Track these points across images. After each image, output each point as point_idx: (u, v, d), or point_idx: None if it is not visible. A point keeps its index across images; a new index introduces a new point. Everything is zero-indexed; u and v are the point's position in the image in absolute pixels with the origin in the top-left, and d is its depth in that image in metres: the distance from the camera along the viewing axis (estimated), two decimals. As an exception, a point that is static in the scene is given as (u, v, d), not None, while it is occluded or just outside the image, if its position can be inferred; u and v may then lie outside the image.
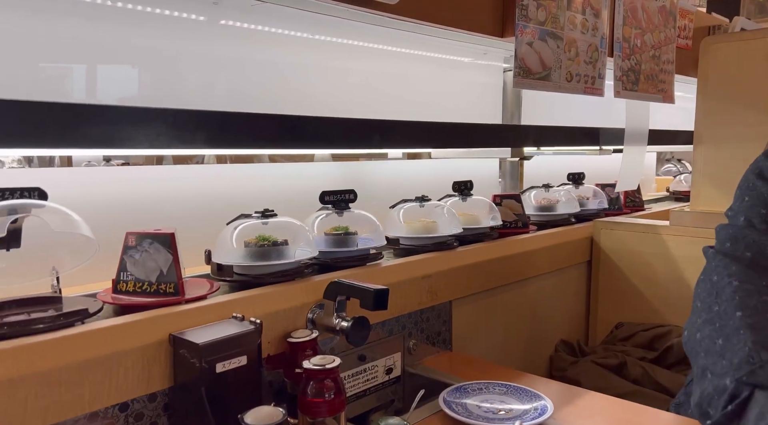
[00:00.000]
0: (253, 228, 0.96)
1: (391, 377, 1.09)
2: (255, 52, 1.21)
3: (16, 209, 0.74)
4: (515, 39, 1.28)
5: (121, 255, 0.86)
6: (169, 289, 0.84)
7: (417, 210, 1.24)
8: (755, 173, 0.88)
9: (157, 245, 0.85)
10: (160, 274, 0.84)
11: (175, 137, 0.91)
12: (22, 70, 0.92)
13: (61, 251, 0.81)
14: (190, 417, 0.77)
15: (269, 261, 0.94)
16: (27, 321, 0.71)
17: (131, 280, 0.85)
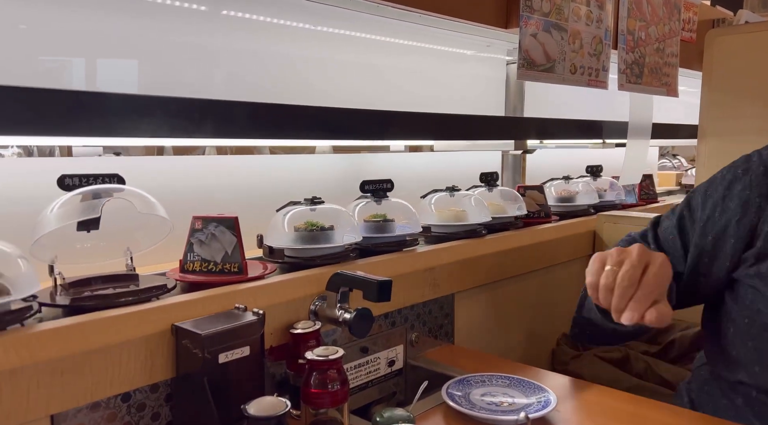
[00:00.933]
0: (301, 214, 1.03)
1: (394, 369, 1.09)
2: (256, 43, 1.20)
3: (100, 194, 0.81)
4: (519, 30, 1.27)
5: (188, 238, 0.92)
6: (234, 268, 0.91)
7: (447, 199, 1.31)
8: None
9: (222, 228, 0.92)
10: (225, 255, 0.91)
11: (177, 126, 0.90)
12: (21, 62, 0.91)
13: (137, 232, 0.89)
14: (193, 408, 0.76)
15: (318, 244, 1.01)
16: (114, 295, 0.79)
17: (197, 260, 0.92)
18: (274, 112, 1.03)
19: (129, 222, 0.85)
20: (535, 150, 1.75)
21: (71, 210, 0.78)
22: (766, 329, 0.90)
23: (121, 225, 0.85)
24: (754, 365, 0.90)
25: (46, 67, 0.95)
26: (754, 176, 0.96)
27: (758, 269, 0.92)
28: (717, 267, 0.96)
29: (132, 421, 0.75)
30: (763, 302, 0.91)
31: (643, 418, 0.89)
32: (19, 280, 0.70)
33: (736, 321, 0.94)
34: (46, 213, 0.78)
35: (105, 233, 0.82)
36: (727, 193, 0.97)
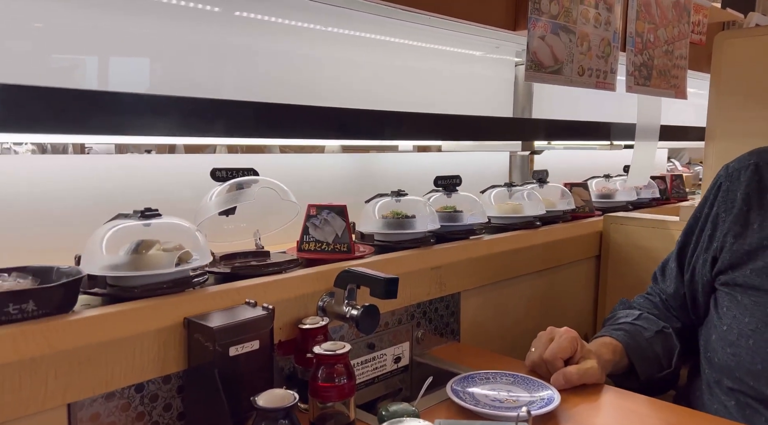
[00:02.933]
0: (388, 205, 1.18)
1: (400, 366, 1.11)
2: (268, 43, 1.22)
3: (242, 185, 0.97)
4: (527, 32, 1.28)
5: (304, 222, 1.07)
6: (343, 248, 1.05)
7: (505, 194, 1.45)
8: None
9: (333, 215, 1.06)
10: (335, 236, 1.05)
11: (190, 125, 0.92)
12: (34, 60, 0.94)
13: (268, 215, 1.04)
14: (204, 399, 0.78)
15: (404, 230, 1.16)
16: (263, 265, 0.95)
17: (312, 241, 1.06)
18: (284, 112, 1.05)
19: (261, 206, 0.99)
20: (543, 151, 1.76)
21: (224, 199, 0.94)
22: (742, 335, 0.93)
23: (253, 210, 0.98)
24: (734, 371, 0.93)
25: (59, 65, 0.97)
26: (721, 192, 1.04)
27: (733, 279, 0.96)
28: (703, 280, 1.04)
29: (145, 411, 0.78)
30: (739, 309, 0.95)
31: (646, 416, 0.90)
32: (197, 251, 0.85)
33: (717, 328, 0.98)
34: (206, 201, 0.95)
35: (239, 217, 0.96)
36: (707, 211, 1.06)
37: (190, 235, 0.86)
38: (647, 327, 1.07)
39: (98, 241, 0.80)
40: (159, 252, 0.80)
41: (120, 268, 0.79)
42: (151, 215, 0.83)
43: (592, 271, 1.64)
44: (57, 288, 0.72)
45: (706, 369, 1.01)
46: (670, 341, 1.08)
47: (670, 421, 0.89)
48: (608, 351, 1.02)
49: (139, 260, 0.79)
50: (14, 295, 0.68)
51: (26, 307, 0.69)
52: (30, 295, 0.69)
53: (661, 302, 1.14)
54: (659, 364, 1.06)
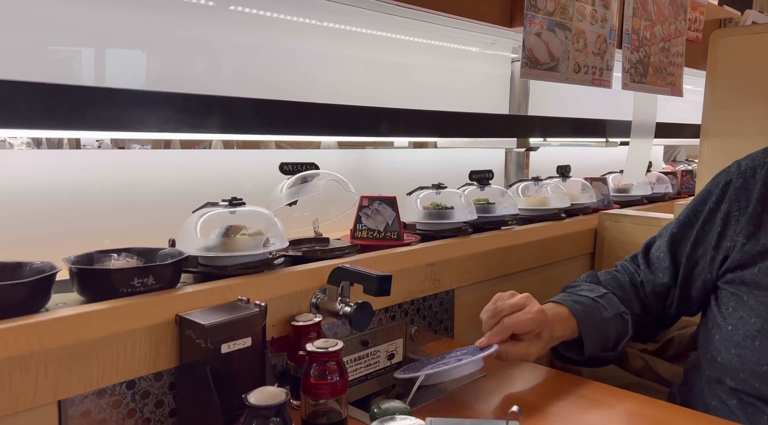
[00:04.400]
0: (428, 197, 1.28)
1: (393, 362, 1.11)
2: (263, 38, 1.21)
3: (306, 178, 1.06)
4: (523, 29, 1.28)
5: (356, 212, 1.15)
6: (393, 236, 1.14)
7: (531, 187, 1.55)
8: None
9: (384, 205, 1.14)
10: (386, 225, 1.14)
11: (184, 121, 0.92)
12: (30, 53, 0.93)
13: (327, 205, 1.14)
14: (196, 396, 0.78)
15: (443, 220, 1.24)
16: (328, 250, 1.05)
17: (365, 229, 1.15)
18: (280, 108, 1.04)
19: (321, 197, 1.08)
20: (539, 148, 1.76)
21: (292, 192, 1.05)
22: (748, 336, 0.92)
23: (314, 200, 1.08)
24: (739, 372, 0.92)
25: (55, 57, 0.97)
26: (733, 189, 1.01)
27: (741, 278, 0.95)
28: (705, 277, 1.03)
29: (136, 408, 0.77)
30: (745, 309, 0.94)
31: (639, 415, 0.90)
32: (277, 236, 0.94)
33: (721, 328, 0.97)
34: (277, 192, 1.06)
35: (301, 207, 1.07)
36: (712, 207, 1.04)
37: (271, 221, 0.95)
38: (608, 308, 1.07)
39: (192, 226, 0.90)
40: (246, 236, 0.91)
41: (212, 250, 0.90)
42: (237, 203, 0.93)
43: (586, 268, 1.64)
44: (169, 266, 0.83)
45: (707, 368, 1.00)
46: (625, 326, 1.08)
47: (663, 420, 0.89)
48: (561, 328, 1.01)
49: (229, 242, 0.90)
50: (139, 270, 0.80)
51: (147, 281, 0.80)
52: (150, 271, 0.81)
53: (629, 283, 1.13)
54: (606, 345, 1.06)
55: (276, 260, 0.96)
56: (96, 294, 0.78)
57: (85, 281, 0.79)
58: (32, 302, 0.72)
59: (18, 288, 0.71)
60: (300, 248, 1.06)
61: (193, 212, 0.94)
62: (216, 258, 0.89)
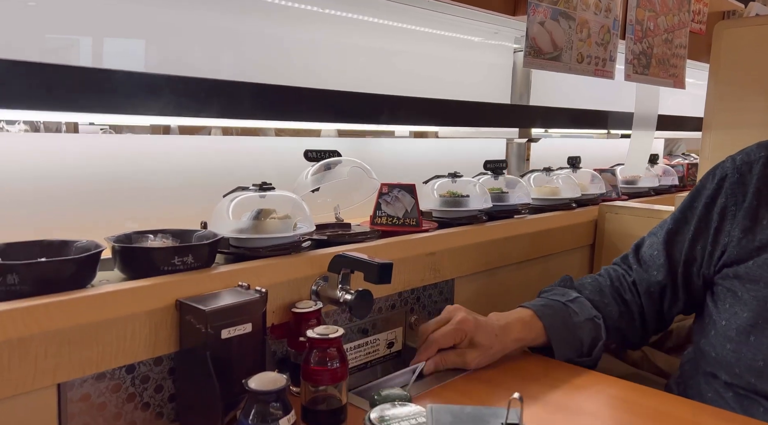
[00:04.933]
0: (444, 185, 1.32)
1: (392, 351, 1.11)
2: (263, 25, 1.20)
3: (330, 165, 1.09)
4: (527, 18, 1.27)
5: (376, 199, 1.18)
6: (412, 222, 1.17)
7: (543, 178, 1.59)
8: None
9: (404, 192, 1.17)
10: (405, 212, 1.16)
11: (183, 105, 0.91)
12: (28, 40, 0.92)
13: (349, 191, 1.16)
14: (195, 381, 0.78)
15: (459, 208, 1.28)
16: (352, 234, 1.09)
17: (384, 216, 1.17)
18: (280, 93, 1.03)
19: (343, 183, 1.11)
20: (540, 139, 1.75)
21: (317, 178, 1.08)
22: (742, 331, 0.92)
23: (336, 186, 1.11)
24: (734, 367, 0.92)
25: (52, 45, 0.96)
26: (729, 185, 1.01)
27: (735, 272, 0.95)
28: (704, 273, 1.02)
29: (136, 392, 0.77)
30: (739, 305, 0.94)
31: (636, 404, 0.91)
32: (304, 220, 0.98)
33: (716, 324, 0.97)
34: (302, 178, 1.09)
35: (323, 193, 1.10)
36: (707, 202, 1.03)
37: (298, 206, 0.99)
38: (579, 313, 1.06)
39: (225, 209, 0.94)
40: (275, 220, 0.94)
41: (244, 232, 0.93)
42: (267, 188, 0.97)
43: (586, 259, 1.64)
44: (206, 246, 0.87)
45: (702, 363, 1.00)
46: (598, 331, 1.06)
47: (663, 410, 0.89)
48: (519, 329, 1.01)
49: (259, 225, 0.93)
50: (180, 249, 0.84)
51: (187, 260, 0.84)
52: (190, 250, 0.84)
53: (610, 288, 1.12)
54: (580, 350, 1.05)
55: (303, 243, 0.99)
56: (137, 272, 0.81)
57: (128, 259, 0.82)
58: (80, 277, 0.76)
59: (69, 264, 0.74)
60: (324, 232, 1.09)
61: (223, 196, 0.97)
62: (247, 240, 0.93)
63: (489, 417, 0.63)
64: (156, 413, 0.79)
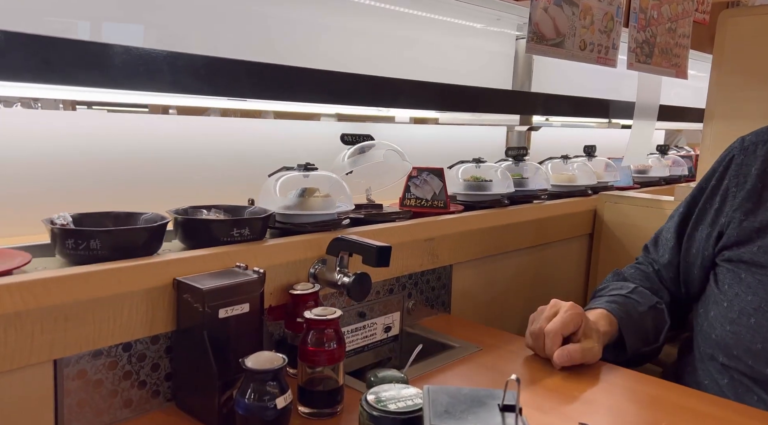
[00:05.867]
0: (468, 170, 1.38)
1: (390, 335, 1.11)
2: (264, 7, 1.19)
3: (363, 149, 1.14)
4: (530, 3, 1.26)
5: (406, 182, 1.24)
6: (440, 204, 1.23)
7: (561, 165, 1.65)
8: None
9: (432, 176, 1.23)
10: (433, 194, 1.23)
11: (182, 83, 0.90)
12: (26, 23, 0.91)
13: (382, 173, 1.20)
14: (192, 360, 0.78)
15: (481, 192, 1.35)
16: (385, 214, 1.15)
17: (413, 198, 1.24)
18: (280, 72, 1.02)
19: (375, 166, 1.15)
20: (540, 128, 1.74)
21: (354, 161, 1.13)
22: (744, 313, 0.92)
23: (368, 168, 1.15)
24: (732, 349, 0.92)
25: (51, 27, 0.95)
26: (734, 165, 1.01)
27: (739, 255, 0.95)
28: (703, 254, 1.03)
29: (132, 370, 0.77)
30: (741, 286, 0.94)
31: (633, 390, 0.91)
32: (344, 198, 1.04)
33: (717, 304, 0.97)
34: (339, 161, 1.13)
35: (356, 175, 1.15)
36: (714, 184, 1.04)
37: (339, 185, 1.04)
38: (641, 302, 1.06)
39: (272, 187, 1.00)
40: (319, 198, 1.00)
41: (290, 208, 0.99)
42: (310, 168, 1.02)
43: (584, 248, 1.64)
44: (259, 220, 0.92)
45: (701, 344, 1.00)
46: (661, 316, 1.07)
47: (657, 395, 0.89)
48: (605, 324, 1.01)
49: (304, 202, 1.00)
50: (239, 222, 0.90)
51: (244, 232, 0.90)
52: (246, 223, 0.91)
53: (654, 273, 1.13)
54: (647, 339, 1.06)
55: (343, 221, 1.04)
56: (198, 242, 0.87)
57: (190, 230, 0.88)
58: (150, 246, 0.82)
59: (142, 233, 0.81)
60: (360, 211, 1.13)
61: (269, 175, 1.03)
62: (293, 216, 0.99)
63: (486, 398, 0.63)
64: (152, 391, 0.79)
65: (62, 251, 0.77)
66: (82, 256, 0.76)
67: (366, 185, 1.19)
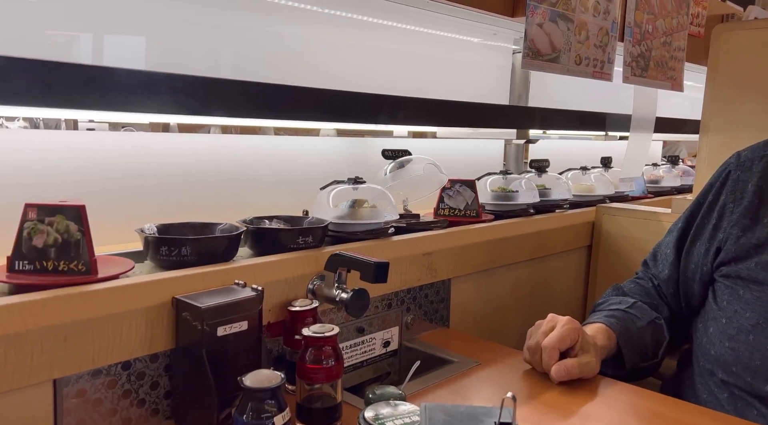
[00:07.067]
0: (496, 181, 1.47)
1: (388, 350, 1.11)
2: (263, 23, 1.20)
3: (402, 163, 1.24)
4: (526, 19, 1.27)
5: (439, 193, 1.32)
6: (473, 214, 1.31)
7: (579, 176, 1.72)
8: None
9: (464, 187, 1.31)
10: (465, 204, 1.31)
11: (183, 103, 0.91)
12: (28, 36, 0.92)
13: (418, 185, 1.29)
14: (191, 378, 0.78)
15: (509, 202, 1.44)
16: (424, 223, 1.23)
17: (447, 208, 1.32)
18: (279, 92, 1.04)
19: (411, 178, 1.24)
20: (538, 140, 1.76)
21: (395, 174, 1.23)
22: (742, 330, 0.92)
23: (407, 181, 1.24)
24: (731, 365, 0.92)
25: (52, 41, 0.96)
26: (731, 181, 1.01)
27: (737, 271, 0.95)
28: (701, 270, 1.03)
29: (131, 389, 0.77)
30: (739, 303, 0.94)
31: (631, 405, 0.91)
32: (390, 209, 1.12)
33: (716, 321, 0.97)
34: (382, 174, 1.23)
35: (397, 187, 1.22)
36: (711, 199, 1.04)
37: (385, 197, 1.13)
38: (640, 317, 1.06)
39: (325, 198, 1.10)
40: (367, 208, 1.09)
41: (342, 218, 1.08)
42: (359, 181, 1.12)
43: (583, 261, 1.64)
44: (320, 228, 1.01)
45: (701, 359, 1.00)
46: (660, 332, 1.07)
47: (656, 410, 0.89)
48: (603, 338, 1.01)
49: (355, 212, 1.08)
50: (304, 231, 1.00)
51: (308, 240, 0.99)
52: (311, 232, 1.00)
53: (654, 288, 1.13)
54: (646, 354, 1.06)
55: (389, 229, 1.13)
56: (267, 249, 0.96)
57: (261, 238, 0.98)
58: (229, 252, 0.91)
59: (223, 241, 0.90)
60: (401, 221, 1.19)
61: (321, 188, 1.12)
62: (345, 225, 1.08)
63: (482, 415, 0.64)
64: (151, 410, 0.80)
65: (155, 257, 0.86)
66: (174, 261, 0.85)
67: (403, 196, 1.27)
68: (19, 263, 0.75)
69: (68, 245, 0.76)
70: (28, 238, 0.75)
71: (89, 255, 0.77)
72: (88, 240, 0.77)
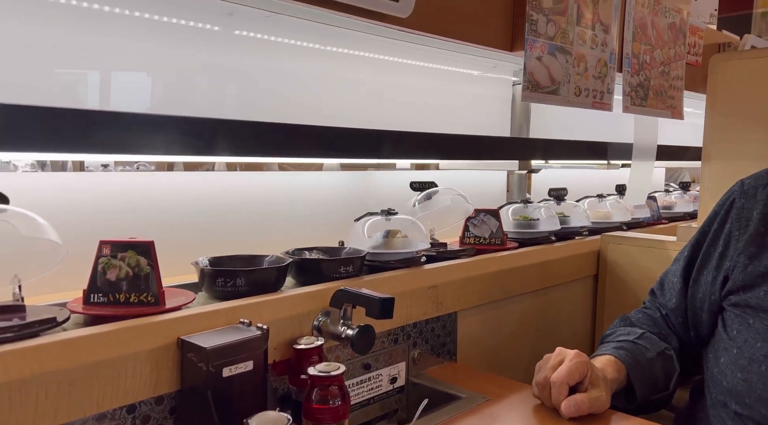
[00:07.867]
0: (517, 210, 1.51)
1: (396, 386, 1.10)
2: (267, 62, 1.23)
3: (430, 195, 1.27)
4: (524, 53, 1.29)
5: (465, 222, 1.36)
6: (497, 241, 1.35)
7: (596, 203, 1.78)
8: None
9: (489, 216, 1.35)
10: (490, 233, 1.35)
11: (188, 144, 0.92)
12: (37, 75, 0.94)
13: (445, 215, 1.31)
14: (196, 421, 0.77)
15: (529, 229, 1.48)
16: (452, 251, 1.27)
17: (472, 237, 1.36)
18: (283, 131, 1.05)
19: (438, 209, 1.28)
20: (540, 170, 1.76)
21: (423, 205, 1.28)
22: (754, 360, 0.90)
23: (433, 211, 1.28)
24: (745, 397, 0.90)
25: (61, 80, 0.98)
26: (735, 209, 1.01)
27: (746, 300, 0.94)
28: (709, 299, 1.02)
29: (136, 433, 0.77)
30: (750, 333, 0.92)
31: (643, 441, 0.89)
32: (421, 238, 1.17)
33: (727, 351, 0.95)
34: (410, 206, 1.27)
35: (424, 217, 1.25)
36: (716, 227, 1.03)
37: (417, 227, 1.17)
38: (649, 348, 1.05)
39: (360, 229, 1.14)
40: (400, 238, 1.14)
41: (377, 248, 1.13)
42: (391, 213, 1.16)
43: (589, 290, 1.63)
44: (359, 258, 1.06)
45: (713, 390, 0.98)
46: (671, 363, 1.06)
47: (668, 445, 0.87)
48: (613, 371, 0.99)
49: (389, 242, 1.13)
50: (344, 261, 1.04)
51: (348, 269, 1.03)
52: (351, 262, 1.04)
53: (662, 318, 1.12)
54: (657, 385, 1.04)
55: (421, 258, 1.17)
56: (310, 279, 1.00)
57: (305, 269, 1.02)
58: (278, 282, 0.95)
59: (273, 272, 0.95)
60: (430, 250, 1.22)
61: (355, 220, 1.16)
62: (380, 254, 1.12)
63: (492, 457, 0.62)
64: (156, 453, 0.79)
65: (211, 288, 0.90)
66: (229, 292, 0.89)
67: (430, 225, 1.30)
68: (94, 296, 0.81)
69: (138, 279, 0.81)
70: (102, 272, 0.81)
71: (158, 287, 0.82)
72: (157, 274, 0.82)
